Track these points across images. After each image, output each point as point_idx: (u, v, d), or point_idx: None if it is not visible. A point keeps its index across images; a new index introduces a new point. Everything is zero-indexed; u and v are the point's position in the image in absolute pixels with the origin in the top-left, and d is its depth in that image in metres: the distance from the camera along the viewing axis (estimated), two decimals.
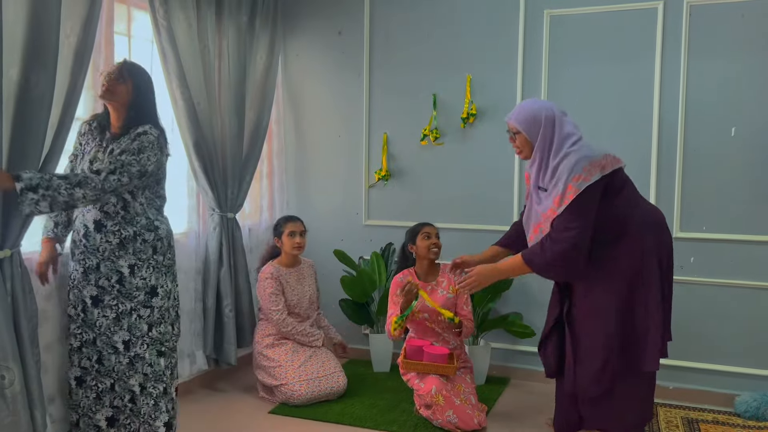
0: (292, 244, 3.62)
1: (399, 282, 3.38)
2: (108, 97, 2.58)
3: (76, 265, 2.64)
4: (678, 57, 3.47)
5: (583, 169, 2.48)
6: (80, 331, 2.66)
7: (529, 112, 2.63)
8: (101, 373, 2.65)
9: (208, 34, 3.51)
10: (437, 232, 3.40)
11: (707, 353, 3.50)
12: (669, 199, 3.52)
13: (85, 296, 2.63)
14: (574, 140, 2.58)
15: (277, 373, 3.44)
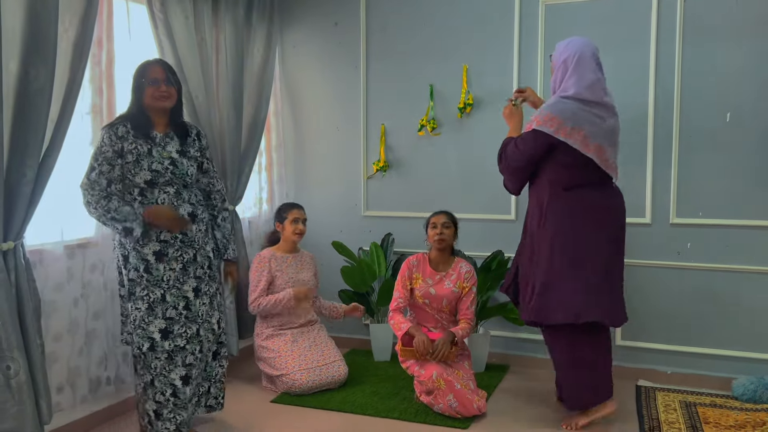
0: (294, 230, 3.66)
1: (410, 264, 3.43)
2: (171, 103, 2.68)
3: (171, 264, 2.64)
4: (673, 44, 3.49)
5: (546, 117, 2.82)
6: (184, 329, 2.67)
7: (557, 50, 3.00)
8: (201, 360, 2.77)
9: (205, 28, 3.53)
10: (444, 221, 3.39)
11: (704, 338, 3.54)
12: (665, 186, 3.55)
13: (186, 291, 2.68)
14: (562, 94, 2.87)
15: (278, 364, 3.47)
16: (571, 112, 2.80)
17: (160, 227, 2.61)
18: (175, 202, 2.66)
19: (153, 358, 2.62)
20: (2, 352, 2.27)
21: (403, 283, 3.40)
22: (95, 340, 3.04)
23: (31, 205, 2.44)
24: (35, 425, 2.35)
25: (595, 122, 2.82)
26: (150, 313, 2.61)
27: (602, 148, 2.84)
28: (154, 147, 2.64)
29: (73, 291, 2.91)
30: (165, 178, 2.64)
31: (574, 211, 2.87)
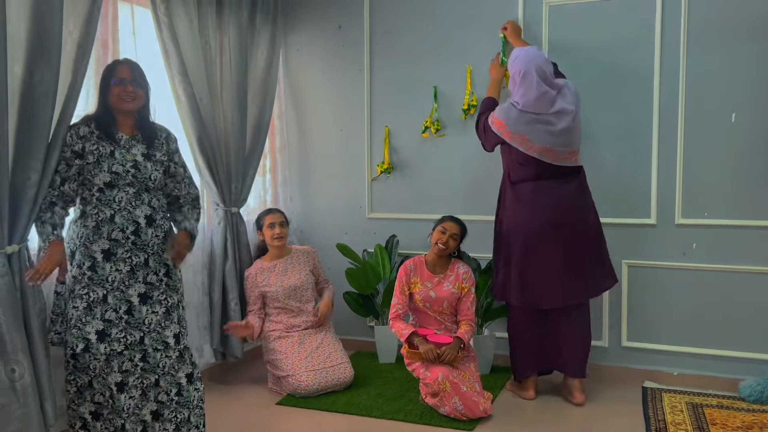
0: (272, 235, 3.66)
1: (407, 269, 3.43)
2: (137, 105, 2.59)
3: (118, 265, 2.53)
4: (677, 44, 3.47)
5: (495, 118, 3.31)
6: (124, 334, 2.53)
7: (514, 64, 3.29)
8: (146, 371, 2.59)
9: (209, 31, 3.54)
10: (455, 233, 3.39)
11: (711, 339, 3.52)
12: (670, 186, 3.53)
13: (131, 296, 2.55)
14: (513, 101, 3.26)
15: (284, 365, 3.47)
16: (514, 119, 3.21)
17: (40, 259, 2.45)
18: (134, 203, 2.56)
19: (91, 359, 2.48)
20: (7, 355, 2.27)
21: (401, 289, 3.40)
22: None
23: (35, 208, 2.44)
24: (40, 427, 2.35)
25: (539, 129, 3.18)
26: (88, 313, 2.48)
27: (549, 149, 3.18)
28: (118, 149, 2.55)
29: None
30: (125, 181, 2.54)
31: (514, 204, 3.33)
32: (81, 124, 2.54)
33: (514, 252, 3.31)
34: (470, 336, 3.30)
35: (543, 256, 3.24)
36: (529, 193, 3.28)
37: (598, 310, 3.70)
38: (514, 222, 3.32)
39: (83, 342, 2.48)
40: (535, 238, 3.24)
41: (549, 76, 3.23)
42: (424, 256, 3.49)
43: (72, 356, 2.50)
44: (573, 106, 3.20)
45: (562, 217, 3.23)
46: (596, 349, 3.71)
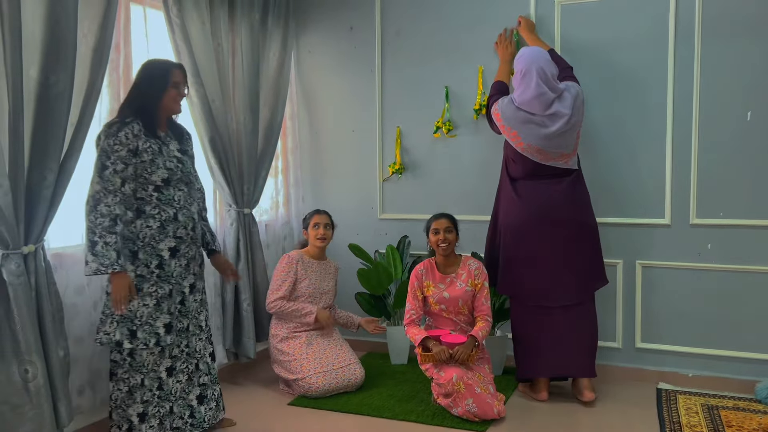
0: (315, 235, 3.69)
1: (418, 273, 3.41)
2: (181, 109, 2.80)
3: (180, 260, 2.72)
4: (692, 41, 3.45)
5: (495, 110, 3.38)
6: (179, 325, 2.76)
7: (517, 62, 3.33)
8: (190, 355, 2.82)
9: (222, 32, 3.55)
10: (447, 226, 3.38)
11: (726, 340, 3.48)
12: (685, 186, 3.51)
13: (184, 287, 2.77)
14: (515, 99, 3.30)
15: (293, 367, 3.47)
16: (510, 114, 3.28)
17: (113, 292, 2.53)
18: (188, 200, 2.74)
19: (148, 355, 2.64)
20: (21, 355, 2.29)
21: (414, 294, 3.40)
22: None
23: (52, 208, 2.46)
24: (52, 429, 2.36)
25: (531, 128, 3.23)
26: (157, 309, 2.65)
27: (538, 148, 3.24)
28: (163, 146, 2.69)
29: (93, 294, 2.93)
30: (177, 176, 2.70)
31: (508, 200, 3.39)
32: (130, 122, 2.57)
33: (509, 246, 3.39)
34: (485, 333, 3.29)
35: (532, 253, 3.31)
36: (521, 190, 3.35)
37: (611, 311, 3.67)
38: (508, 217, 3.39)
39: (154, 337, 2.64)
40: (524, 235, 3.32)
41: (550, 78, 3.24)
42: (433, 259, 3.48)
43: (130, 354, 2.63)
44: (569, 110, 3.22)
45: (551, 216, 3.27)
46: (609, 349, 3.68)
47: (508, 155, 3.42)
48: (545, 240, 3.28)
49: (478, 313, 3.35)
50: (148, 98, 2.64)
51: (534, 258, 3.30)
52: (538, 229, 3.28)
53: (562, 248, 3.28)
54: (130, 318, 2.60)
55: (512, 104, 3.29)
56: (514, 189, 3.38)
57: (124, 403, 2.67)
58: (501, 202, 3.49)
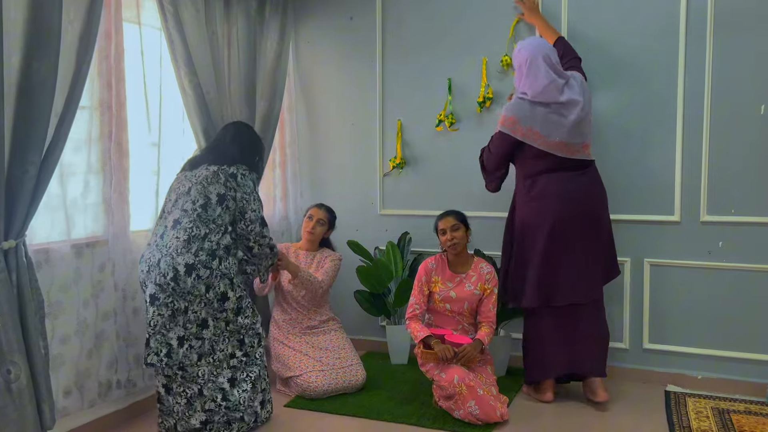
0: (305, 227, 3.64)
1: (428, 267, 3.30)
2: None
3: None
4: (703, 33, 3.32)
5: (504, 117, 3.18)
6: None
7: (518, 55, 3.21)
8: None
9: (216, 21, 3.44)
10: (453, 224, 3.26)
11: (737, 341, 3.36)
12: (695, 182, 3.39)
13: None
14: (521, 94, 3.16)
15: (292, 363, 3.37)
16: (527, 113, 3.11)
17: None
18: None
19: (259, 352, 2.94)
20: (2, 355, 2.18)
21: (420, 288, 3.27)
22: (105, 341, 2.95)
23: (34, 202, 2.35)
24: (36, 431, 2.26)
25: (552, 120, 3.08)
26: None
27: (563, 143, 3.09)
28: None
29: (81, 292, 2.83)
30: None
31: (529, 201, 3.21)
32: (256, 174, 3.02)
33: (531, 250, 3.19)
34: (490, 339, 3.18)
35: (563, 248, 3.14)
36: (544, 186, 3.17)
37: (618, 310, 3.57)
38: (531, 217, 3.19)
39: None
40: (555, 230, 3.13)
41: (556, 64, 3.14)
42: (445, 255, 3.36)
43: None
44: (580, 97, 3.11)
45: (580, 208, 3.14)
46: (617, 350, 3.57)
47: (526, 157, 3.20)
48: (576, 234, 3.13)
49: (484, 319, 3.24)
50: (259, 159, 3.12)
51: (567, 255, 3.14)
52: (569, 225, 3.12)
53: (589, 241, 3.16)
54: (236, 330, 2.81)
55: (525, 101, 3.13)
56: (536, 187, 3.19)
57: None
58: (520, 207, 3.27)
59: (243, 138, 3.01)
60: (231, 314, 2.76)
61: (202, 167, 2.82)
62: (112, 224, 2.95)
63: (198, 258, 2.65)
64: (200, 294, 2.67)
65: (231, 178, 2.78)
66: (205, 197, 2.73)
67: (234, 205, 2.77)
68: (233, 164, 2.82)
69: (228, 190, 2.76)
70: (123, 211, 2.99)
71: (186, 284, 2.63)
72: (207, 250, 2.68)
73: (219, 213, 2.73)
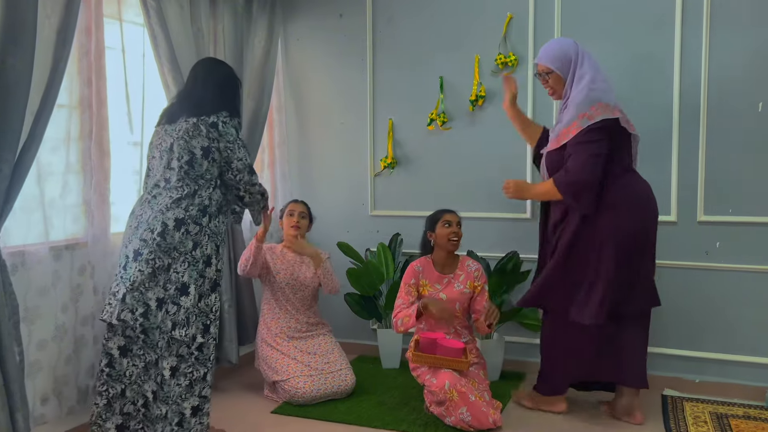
0: (289, 223, 3.50)
1: (414, 270, 3.21)
2: None
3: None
4: (699, 28, 3.26)
5: (591, 108, 2.74)
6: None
7: (558, 51, 2.89)
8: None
9: (202, 17, 3.36)
10: (459, 221, 3.20)
11: (736, 344, 3.29)
12: (692, 181, 3.32)
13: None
14: (592, 77, 2.81)
15: (279, 366, 3.27)
16: (613, 94, 2.85)
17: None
18: None
19: (213, 348, 2.66)
20: None
21: (408, 290, 3.19)
22: (84, 347, 2.85)
23: (8, 203, 2.27)
24: None
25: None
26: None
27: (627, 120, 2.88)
28: None
29: (60, 296, 2.74)
30: None
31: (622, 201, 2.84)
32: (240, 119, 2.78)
33: (619, 258, 2.80)
34: None
35: (650, 255, 2.91)
36: (638, 186, 2.88)
37: None
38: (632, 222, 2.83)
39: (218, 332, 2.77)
40: (648, 235, 2.88)
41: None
42: (430, 257, 3.27)
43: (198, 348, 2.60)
44: None
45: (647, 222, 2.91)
46: None
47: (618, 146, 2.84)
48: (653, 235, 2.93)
49: (479, 316, 3.15)
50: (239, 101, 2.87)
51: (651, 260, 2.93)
52: (655, 224, 2.92)
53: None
54: (205, 312, 2.61)
55: (604, 82, 2.84)
56: (629, 188, 2.85)
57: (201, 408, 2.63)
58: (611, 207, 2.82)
59: (216, 77, 2.76)
60: (207, 286, 2.61)
61: (181, 120, 2.63)
62: (92, 226, 2.86)
63: (188, 213, 2.54)
64: (186, 251, 2.53)
65: (212, 128, 2.59)
66: (189, 153, 2.57)
67: (219, 156, 2.62)
68: (213, 112, 2.63)
69: (211, 142, 2.59)
70: (103, 213, 2.90)
71: (173, 239, 2.50)
72: (198, 206, 2.56)
73: (206, 167, 2.59)
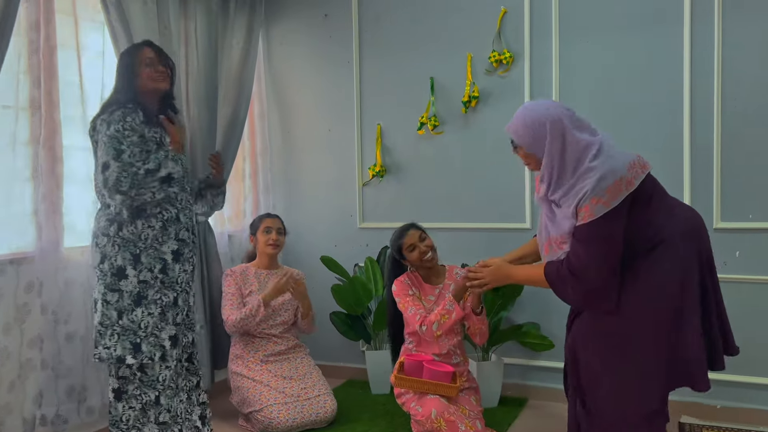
0: (265, 241, 3.20)
1: (404, 283, 2.89)
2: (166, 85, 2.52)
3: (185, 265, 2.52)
4: (711, 19, 2.98)
5: (606, 190, 1.94)
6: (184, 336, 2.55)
7: (530, 121, 2.07)
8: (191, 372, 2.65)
9: (170, 15, 3.14)
10: (421, 234, 2.87)
11: (759, 364, 2.96)
12: (707, 186, 3.02)
13: (190, 296, 2.60)
14: (595, 152, 2.01)
15: (251, 396, 2.97)
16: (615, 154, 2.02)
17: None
18: (190, 200, 2.60)
19: (162, 368, 2.41)
20: None
21: (413, 300, 2.83)
22: (31, 372, 2.59)
23: None
24: None
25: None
26: (162, 319, 2.42)
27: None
28: (164, 136, 2.50)
29: (2, 315, 2.48)
30: (180, 173, 2.47)
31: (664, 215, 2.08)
32: (134, 109, 2.39)
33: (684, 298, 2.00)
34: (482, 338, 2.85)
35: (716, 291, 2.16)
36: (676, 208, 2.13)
37: None
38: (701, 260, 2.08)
39: (160, 350, 2.40)
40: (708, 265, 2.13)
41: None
42: (415, 271, 2.97)
43: (140, 369, 2.38)
44: None
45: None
46: None
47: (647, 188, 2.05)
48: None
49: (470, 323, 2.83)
50: (130, 85, 2.44)
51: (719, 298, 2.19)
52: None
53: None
54: (132, 329, 2.36)
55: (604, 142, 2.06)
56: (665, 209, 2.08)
57: (139, 422, 2.41)
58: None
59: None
60: (128, 301, 2.37)
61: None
62: (41, 239, 2.61)
63: (98, 225, 2.41)
64: (95, 265, 2.40)
65: (93, 131, 2.42)
66: (95, 161, 2.42)
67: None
68: (100, 113, 2.44)
69: (95, 144, 2.42)
70: (54, 224, 2.65)
71: (92, 255, 2.40)
72: (106, 216, 2.40)
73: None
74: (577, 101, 3.24)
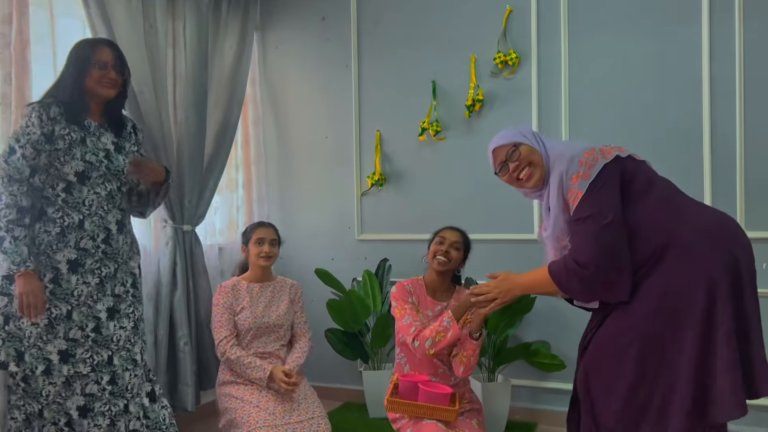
0: (258, 252, 2.97)
1: (405, 289, 2.66)
2: (114, 92, 2.31)
3: (86, 277, 2.24)
4: (731, 16, 2.80)
5: (580, 163, 1.90)
6: (90, 354, 2.26)
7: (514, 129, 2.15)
8: (115, 395, 2.32)
9: (156, 13, 2.97)
10: (455, 241, 2.61)
11: None
12: (729, 192, 2.82)
13: (99, 311, 2.29)
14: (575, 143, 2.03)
15: (239, 418, 2.73)
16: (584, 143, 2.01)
17: (25, 295, 2.13)
18: (105, 206, 2.29)
19: (46, 383, 2.19)
20: None
21: (411, 307, 2.61)
22: None
23: None
24: None
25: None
26: (49, 331, 2.19)
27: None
28: (88, 136, 2.26)
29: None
30: (99, 172, 2.26)
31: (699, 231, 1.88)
32: (50, 104, 2.19)
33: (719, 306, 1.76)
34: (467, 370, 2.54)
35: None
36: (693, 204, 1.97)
37: None
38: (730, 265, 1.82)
39: (44, 363, 2.19)
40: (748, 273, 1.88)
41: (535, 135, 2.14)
42: (422, 278, 2.74)
43: (23, 379, 2.20)
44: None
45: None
46: None
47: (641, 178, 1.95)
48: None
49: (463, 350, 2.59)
50: (71, 79, 2.24)
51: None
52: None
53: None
54: (19, 337, 2.18)
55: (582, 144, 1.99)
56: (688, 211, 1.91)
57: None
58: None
59: None
60: (13, 306, 2.19)
61: None
62: None
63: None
64: None
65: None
66: None
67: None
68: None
69: None
70: None
71: None
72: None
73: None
74: (588, 104, 3.06)
